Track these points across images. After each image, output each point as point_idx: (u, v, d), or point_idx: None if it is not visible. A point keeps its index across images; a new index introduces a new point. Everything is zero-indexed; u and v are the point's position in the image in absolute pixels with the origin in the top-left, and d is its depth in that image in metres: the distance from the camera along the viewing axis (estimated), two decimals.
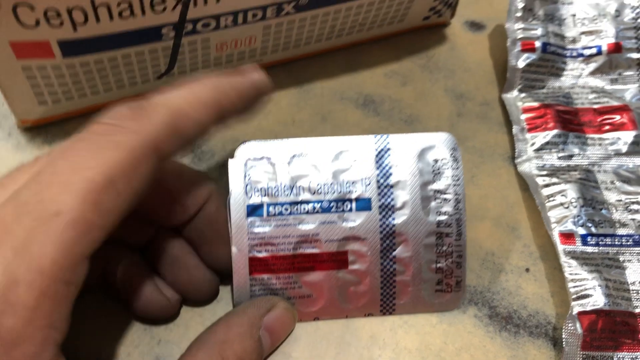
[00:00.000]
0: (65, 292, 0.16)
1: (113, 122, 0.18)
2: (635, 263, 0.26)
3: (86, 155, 0.17)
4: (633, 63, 0.32)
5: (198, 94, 0.20)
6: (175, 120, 0.19)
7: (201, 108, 0.20)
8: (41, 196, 0.16)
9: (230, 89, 0.21)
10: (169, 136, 0.19)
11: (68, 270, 0.16)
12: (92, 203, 0.16)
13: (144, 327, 0.24)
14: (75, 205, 0.16)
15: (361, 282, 0.24)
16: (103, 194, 0.17)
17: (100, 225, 0.17)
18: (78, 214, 0.16)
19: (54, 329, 0.16)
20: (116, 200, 0.17)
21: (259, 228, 0.23)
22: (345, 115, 0.31)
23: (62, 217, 0.16)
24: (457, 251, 0.24)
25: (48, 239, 0.16)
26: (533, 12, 0.32)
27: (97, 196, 0.16)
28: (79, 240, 0.16)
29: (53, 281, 0.16)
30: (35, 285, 0.15)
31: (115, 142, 0.17)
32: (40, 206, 0.16)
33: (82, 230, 0.16)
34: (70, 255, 0.16)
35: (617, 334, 0.25)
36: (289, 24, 0.28)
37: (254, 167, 0.24)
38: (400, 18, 0.31)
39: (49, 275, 0.16)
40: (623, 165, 0.30)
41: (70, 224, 0.16)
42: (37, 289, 0.16)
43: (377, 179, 0.24)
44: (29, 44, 0.23)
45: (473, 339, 0.25)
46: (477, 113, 0.31)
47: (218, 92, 0.20)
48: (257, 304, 0.22)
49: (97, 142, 0.17)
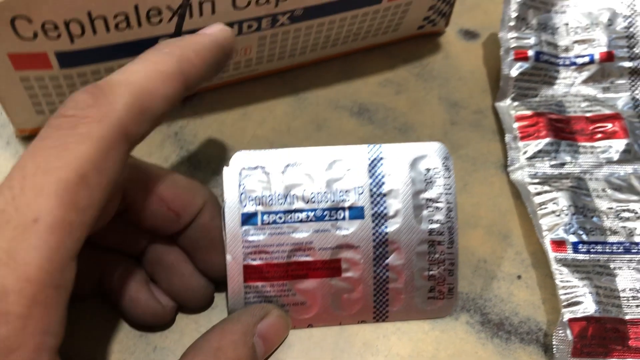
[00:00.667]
0: (55, 296, 0.16)
1: (75, 113, 0.17)
2: (625, 270, 0.27)
3: (54, 154, 0.16)
4: (625, 72, 0.32)
5: (159, 66, 0.19)
6: (140, 100, 0.18)
7: (165, 81, 0.19)
8: (17, 203, 0.16)
9: (192, 54, 0.20)
10: (135, 118, 0.18)
11: (56, 275, 0.16)
12: (68, 203, 0.16)
13: (139, 334, 0.24)
14: (52, 208, 0.16)
15: (354, 289, 0.24)
16: (78, 191, 0.16)
17: (80, 223, 0.17)
18: (56, 217, 0.16)
19: (48, 334, 0.16)
20: (92, 195, 0.17)
21: (253, 236, 0.24)
22: (340, 124, 0.31)
23: (41, 223, 0.16)
24: (449, 259, 0.25)
25: (30, 246, 0.16)
26: (526, 21, 0.32)
27: (72, 195, 0.16)
28: (62, 243, 0.16)
29: (42, 287, 0.16)
30: (24, 293, 0.15)
31: (80, 135, 0.17)
32: (17, 214, 0.16)
33: (64, 233, 0.16)
34: (56, 259, 0.16)
35: (607, 341, 0.25)
36: (284, 35, 0.28)
37: (249, 176, 0.24)
38: (395, 27, 0.32)
39: (37, 282, 0.16)
40: (614, 173, 0.30)
41: (50, 228, 0.16)
42: (27, 297, 0.16)
43: (370, 187, 0.24)
44: (26, 56, 0.23)
45: (465, 345, 0.25)
46: (470, 121, 0.32)
47: (180, 60, 0.19)
48: (250, 312, 0.23)
49: (62, 137, 0.17)
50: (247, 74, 0.31)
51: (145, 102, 0.18)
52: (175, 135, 0.30)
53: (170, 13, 0.24)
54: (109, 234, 0.23)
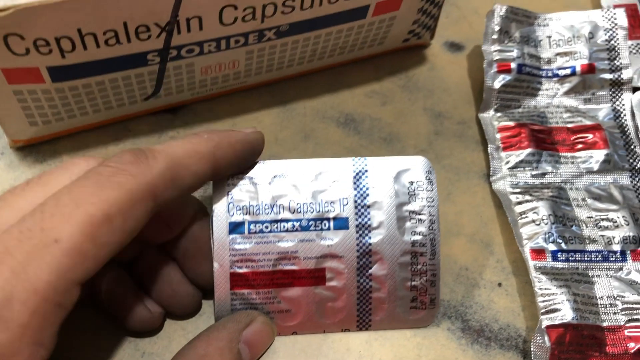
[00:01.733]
0: (55, 313, 0.17)
1: (116, 166, 0.19)
2: (603, 278, 0.28)
3: (89, 192, 0.18)
4: (606, 83, 0.33)
5: (196, 146, 0.22)
6: (173, 169, 0.20)
7: (198, 159, 0.21)
8: (43, 224, 0.18)
9: (226, 144, 0.23)
10: (166, 183, 0.20)
11: (60, 294, 0.17)
12: (89, 235, 0.18)
13: (128, 340, 0.25)
14: (74, 235, 0.17)
15: (338, 298, 0.25)
16: (100, 228, 0.18)
17: (95, 256, 0.18)
18: (75, 244, 0.17)
19: (41, 346, 0.17)
20: (111, 235, 0.18)
21: (240, 245, 0.24)
22: (326, 134, 0.32)
23: (60, 245, 0.17)
24: (431, 270, 0.25)
25: (45, 263, 0.17)
26: (509, 34, 0.33)
27: (94, 229, 0.18)
28: (73, 268, 0.17)
29: (45, 301, 0.17)
30: (28, 303, 0.17)
31: (116, 183, 0.19)
32: (41, 233, 0.17)
33: (77, 259, 0.18)
34: (64, 280, 0.17)
35: (584, 347, 0.26)
36: (271, 49, 0.29)
37: (237, 187, 0.25)
38: (380, 41, 0.32)
39: (42, 296, 0.17)
40: (594, 182, 0.31)
41: (66, 251, 0.17)
42: (30, 308, 0.17)
43: (354, 199, 0.25)
44: (19, 70, 0.24)
45: (446, 351, 0.26)
46: (454, 132, 0.33)
47: (214, 146, 0.22)
48: (236, 319, 0.23)
49: (100, 181, 0.19)
50: (236, 86, 0.31)
51: (178, 172, 0.21)
52: None
53: (159, 29, 0.25)
54: None
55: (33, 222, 0.18)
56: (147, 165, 0.20)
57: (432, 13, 0.32)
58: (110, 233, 0.18)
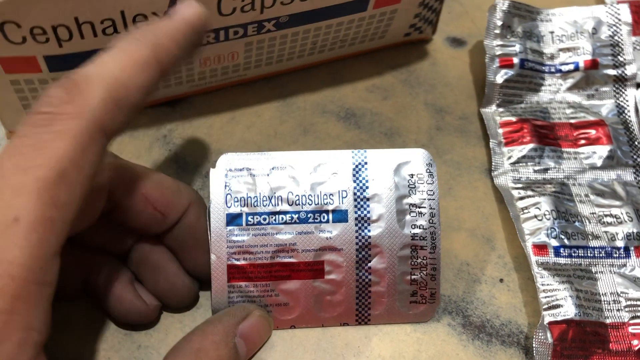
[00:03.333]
0: (38, 292, 0.17)
1: (50, 110, 0.17)
2: (606, 274, 0.27)
3: (31, 153, 0.16)
4: (609, 79, 0.33)
5: (133, 55, 0.19)
6: (115, 92, 0.18)
7: (140, 70, 0.18)
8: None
9: (166, 39, 0.19)
10: (111, 111, 0.18)
11: (38, 272, 0.16)
12: (48, 201, 0.16)
13: (124, 332, 0.25)
14: (32, 207, 0.16)
15: (337, 291, 0.25)
16: (57, 189, 0.16)
17: (61, 219, 0.17)
18: (37, 215, 0.16)
19: (32, 330, 0.17)
20: (71, 192, 0.17)
21: (237, 236, 0.24)
22: (327, 128, 0.32)
23: (21, 222, 0.16)
24: (431, 264, 0.25)
25: (12, 244, 0.16)
26: (512, 29, 0.33)
27: (51, 193, 0.16)
28: (44, 241, 0.16)
29: (25, 284, 0.16)
30: (7, 290, 0.16)
31: (57, 132, 0.17)
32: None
33: (45, 230, 0.16)
34: (38, 256, 0.16)
35: (587, 344, 0.25)
36: (271, 41, 0.29)
37: (235, 178, 0.24)
38: (381, 35, 0.32)
39: (20, 279, 0.16)
40: (597, 178, 0.30)
41: (30, 226, 0.16)
42: (10, 294, 0.16)
43: (354, 191, 0.25)
44: (16, 59, 0.24)
45: (446, 347, 0.26)
46: (455, 127, 0.32)
47: (154, 47, 0.19)
48: (232, 312, 0.23)
49: (38, 135, 0.17)
50: (236, 79, 0.31)
51: (121, 94, 0.18)
52: (164, 138, 0.30)
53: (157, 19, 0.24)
54: (94, 234, 0.24)
55: None
56: (84, 98, 0.17)
57: (434, 7, 0.32)
58: (69, 189, 0.17)
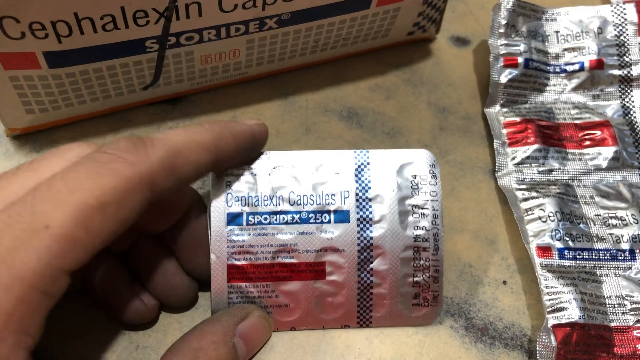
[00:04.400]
0: (41, 301, 0.17)
1: (114, 152, 0.19)
2: (611, 277, 0.27)
3: (83, 179, 0.18)
4: (615, 79, 0.32)
5: (197, 136, 0.21)
6: (172, 158, 0.20)
7: (198, 149, 0.21)
8: (34, 209, 0.17)
9: (228, 135, 0.22)
10: (164, 172, 0.19)
11: (47, 282, 0.17)
12: (81, 222, 0.17)
13: (122, 332, 0.25)
14: (65, 221, 0.17)
15: (338, 293, 0.24)
16: (93, 215, 0.17)
17: (86, 244, 0.17)
18: (66, 230, 0.17)
19: (26, 334, 0.17)
20: (105, 224, 0.18)
21: (238, 236, 0.24)
22: (328, 127, 0.31)
23: (50, 231, 0.16)
24: (434, 266, 0.25)
25: (33, 249, 0.16)
26: (516, 29, 0.32)
27: (87, 216, 0.17)
28: (63, 255, 0.17)
29: (31, 289, 0.16)
30: (13, 290, 0.16)
31: (112, 170, 0.18)
32: (31, 218, 0.17)
33: (67, 246, 0.17)
34: (52, 267, 0.17)
35: (592, 347, 0.25)
36: (272, 38, 0.28)
37: (236, 177, 0.24)
38: (385, 33, 0.32)
39: (28, 283, 0.16)
40: (603, 180, 0.30)
41: (56, 238, 0.17)
42: (15, 295, 0.16)
43: (356, 192, 0.24)
44: (15, 55, 0.24)
45: (448, 349, 0.25)
46: (459, 127, 0.32)
47: (216, 136, 0.21)
48: (231, 312, 0.23)
49: (95, 168, 0.18)
50: (237, 77, 0.31)
51: (178, 162, 0.20)
52: None
53: (157, 15, 0.24)
54: None
55: (23, 206, 0.17)
56: (146, 153, 0.19)
57: (438, 5, 0.32)
58: (104, 221, 0.18)
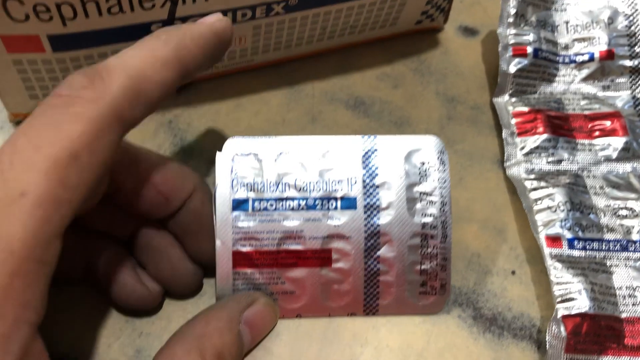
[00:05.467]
0: (37, 271, 0.16)
1: (70, 93, 0.17)
2: (622, 268, 0.26)
3: (46, 131, 0.16)
4: (625, 70, 0.32)
5: (156, 53, 0.19)
6: (136, 84, 0.18)
7: (161, 67, 0.19)
8: (5, 177, 0.16)
9: (190, 42, 0.20)
10: (130, 102, 0.18)
11: (39, 249, 0.16)
12: (57, 180, 0.16)
13: (125, 319, 0.24)
14: (40, 183, 0.16)
15: (344, 280, 0.24)
16: (67, 169, 0.16)
17: (68, 200, 0.16)
18: (44, 193, 0.16)
19: (28, 308, 0.16)
20: (82, 175, 0.17)
21: (243, 222, 0.23)
22: (335, 116, 0.31)
23: (27, 197, 0.16)
24: (442, 254, 0.24)
25: (15, 219, 0.16)
26: (525, 18, 0.32)
27: (61, 172, 0.16)
28: (48, 219, 0.16)
29: (24, 261, 0.16)
30: (6, 265, 0.15)
31: (74, 114, 0.17)
32: (4, 187, 0.16)
33: (50, 209, 0.16)
34: (40, 234, 0.16)
35: (602, 338, 0.24)
36: (279, 24, 0.28)
37: (241, 162, 0.24)
38: (392, 21, 0.31)
39: (20, 255, 0.16)
40: (613, 171, 0.29)
41: (36, 203, 0.16)
42: (9, 269, 0.15)
43: (363, 178, 0.24)
44: (19, 38, 0.23)
45: (456, 339, 0.25)
46: (467, 116, 0.32)
47: (178, 48, 0.19)
48: (237, 299, 0.22)
49: (56, 116, 0.17)
50: (243, 64, 0.31)
51: (141, 86, 0.18)
52: (169, 123, 0.30)
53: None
54: (97, 217, 0.23)
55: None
56: (104, 86, 0.17)
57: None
58: (80, 172, 0.17)
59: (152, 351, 0.23)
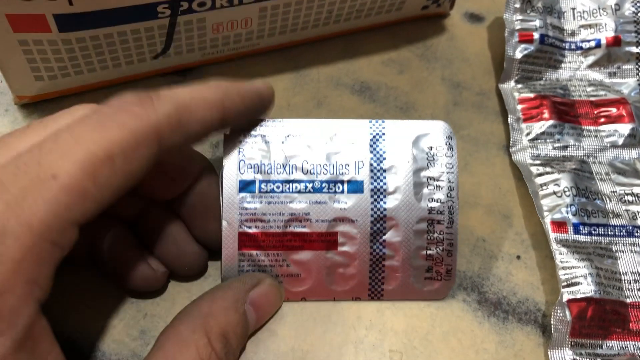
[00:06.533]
0: (50, 251, 0.16)
1: (120, 105, 0.18)
2: (627, 254, 0.26)
3: (90, 131, 0.17)
4: (632, 57, 0.32)
5: (204, 94, 0.21)
6: (179, 114, 0.19)
7: (205, 106, 0.20)
8: (41, 160, 0.17)
9: (234, 94, 0.22)
10: (171, 127, 0.19)
11: (56, 232, 0.16)
12: (89, 173, 0.17)
13: (130, 300, 0.24)
14: (73, 172, 0.16)
15: (350, 264, 0.24)
16: (101, 167, 0.17)
17: (94, 196, 0.17)
18: (74, 181, 0.16)
19: (36, 285, 0.16)
20: (113, 176, 0.17)
21: (250, 204, 0.23)
22: (340, 101, 0.31)
23: (57, 181, 0.16)
24: (448, 239, 0.24)
25: (41, 198, 0.16)
26: (532, 4, 0.32)
27: (95, 168, 0.17)
28: (71, 206, 0.16)
29: (40, 239, 0.16)
30: (22, 238, 0.16)
31: (119, 122, 0.18)
32: (38, 168, 0.16)
33: (76, 197, 0.17)
34: (60, 218, 0.16)
35: (607, 323, 0.24)
36: (285, 7, 0.28)
37: (249, 144, 0.24)
38: (398, 6, 0.31)
39: (37, 233, 0.16)
40: (618, 157, 0.29)
41: (64, 188, 0.16)
42: (24, 243, 0.16)
43: (370, 162, 0.24)
44: (25, 17, 0.23)
45: (461, 323, 0.25)
46: (473, 102, 0.31)
47: (223, 94, 0.21)
48: (242, 280, 0.22)
49: (102, 120, 0.18)
50: (249, 48, 0.30)
51: (184, 117, 0.19)
52: None
53: None
54: None
55: (30, 157, 0.17)
56: (152, 107, 0.19)
57: None
58: (112, 174, 0.17)
59: (156, 332, 0.23)
